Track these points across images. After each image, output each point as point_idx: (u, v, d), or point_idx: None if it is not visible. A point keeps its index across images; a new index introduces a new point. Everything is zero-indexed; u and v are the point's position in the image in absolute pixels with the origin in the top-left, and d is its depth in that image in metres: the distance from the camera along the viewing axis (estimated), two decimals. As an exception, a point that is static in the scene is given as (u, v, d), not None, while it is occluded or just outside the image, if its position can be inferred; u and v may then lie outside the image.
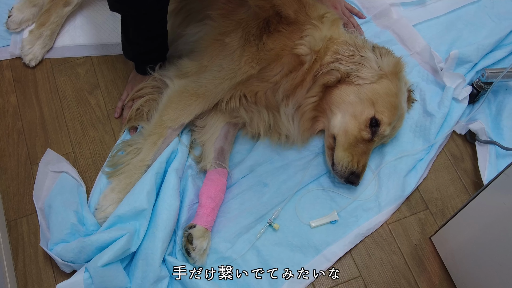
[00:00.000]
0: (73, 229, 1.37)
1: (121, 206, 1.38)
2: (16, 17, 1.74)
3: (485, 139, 1.57)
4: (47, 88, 1.70)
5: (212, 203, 1.42)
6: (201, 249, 1.37)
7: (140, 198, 1.36)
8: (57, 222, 1.39)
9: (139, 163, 1.45)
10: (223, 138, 1.55)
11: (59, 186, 1.46)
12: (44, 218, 1.45)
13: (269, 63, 1.41)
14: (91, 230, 1.40)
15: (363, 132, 1.41)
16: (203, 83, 1.44)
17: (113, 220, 1.37)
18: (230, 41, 1.42)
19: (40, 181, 1.50)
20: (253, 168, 1.55)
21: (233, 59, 1.41)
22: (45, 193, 1.48)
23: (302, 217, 1.49)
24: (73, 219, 1.38)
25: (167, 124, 1.46)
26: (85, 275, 1.30)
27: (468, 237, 1.28)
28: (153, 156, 1.46)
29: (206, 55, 1.46)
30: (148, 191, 1.38)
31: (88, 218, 1.41)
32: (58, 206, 1.41)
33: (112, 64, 1.75)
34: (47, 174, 1.51)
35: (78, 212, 1.41)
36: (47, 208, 1.43)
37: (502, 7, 1.84)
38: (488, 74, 1.58)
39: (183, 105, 1.46)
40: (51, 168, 1.51)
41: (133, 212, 1.36)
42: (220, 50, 1.43)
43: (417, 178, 1.54)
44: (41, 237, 1.43)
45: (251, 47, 1.40)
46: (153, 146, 1.45)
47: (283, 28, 1.41)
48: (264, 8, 1.42)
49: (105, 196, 1.43)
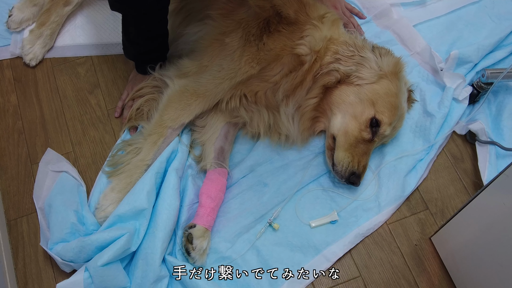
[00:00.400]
0: (73, 228, 1.38)
1: (121, 206, 1.38)
2: (16, 17, 1.74)
3: (485, 140, 1.57)
4: (47, 88, 1.70)
5: (212, 203, 1.42)
6: (201, 249, 1.37)
7: (140, 198, 1.37)
8: (57, 222, 1.39)
9: (139, 162, 1.45)
10: (223, 138, 1.55)
11: (59, 186, 1.47)
12: (44, 218, 1.45)
13: (269, 63, 1.41)
14: (91, 230, 1.40)
15: (364, 132, 1.41)
16: (203, 83, 1.44)
17: (113, 219, 1.37)
18: (230, 41, 1.42)
19: (40, 180, 1.50)
20: (253, 168, 1.55)
21: (233, 59, 1.41)
22: (45, 193, 1.48)
23: (302, 217, 1.49)
24: (73, 219, 1.38)
25: (167, 124, 1.46)
26: (85, 275, 1.30)
27: (468, 237, 1.28)
28: (153, 155, 1.46)
29: (206, 55, 1.47)
30: (148, 190, 1.38)
31: (88, 217, 1.41)
32: (58, 206, 1.41)
33: (113, 64, 1.75)
34: (47, 174, 1.51)
35: (78, 211, 1.41)
36: (47, 208, 1.44)
37: (502, 7, 1.83)
38: (488, 75, 1.58)
39: (183, 105, 1.46)
40: (51, 167, 1.52)
41: (133, 212, 1.36)
42: (220, 50, 1.44)
43: (417, 178, 1.54)
44: (41, 236, 1.43)
45: (251, 47, 1.40)
46: (153, 146, 1.45)
47: (283, 28, 1.41)
48: (264, 8, 1.42)
49: (105, 195, 1.43)
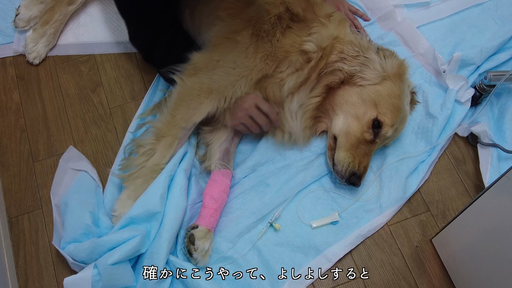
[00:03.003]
0: (87, 230, 1.37)
1: (134, 208, 1.37)
2: (24, 15, 1.73)
3: (487, 142, 1.56)
4: (50, 86, 1.71)
5: (215, 204, 1.42)
6: (203, 250, 1.37)
7: (153, 201, 1.35)
8: (72, 221, 1.38)
9: (155, 167, 1.41)
10: (230, 139, 1.54)
11: (77, 185, 1.46)
12: (60, 215, 1.43)
13: (281, 60, 1.41)
14: (105, 233, 1.39)
15: (365, 133, 1.41)
16: (217, 80, 1.39)
17: (126, 221, 1.36)
18: (241, 39, 1.39)
19: (59, 177, 1.50)
20: (255, 168, 1.55)
21: (248, 55, 1.38)
22: (62, 190, 1.47)
23: (303, 217, 1.49)
24: (88, 220, 1.38)
25: (180, 124, 1.40)
26: (94, 272, 1.29)
27: (469, 239, 1.28)
28: (169, 159, 1.43)
29: (217, 51, 1.42)
30: (161, 194, 1.36)
31: (103, 220, 1.40)
32: (75, 205, 1.40)
33: (115, 62, 1.75)
34: (67, 171, 1.50)
35: (94, 213, 1.40)
36: (63, 206, 1.43)
37: (506, 9, 1.83)
38: (491, 77, 1.57)
39: (196, 103, 1.40)
40: (71, 165, 1.51)
41: (146, 215, 1.35)
42: (233, 47, 1.40)
43: (419, 180, 1.54)
44: (54, 234, 1.42)
45: (264, 43, 1.38)
46: (168, 149, 1.41)
47: (293, 25, 1.41)
48: (275, 4, 1.41)
49: (122, 202, 1.41)
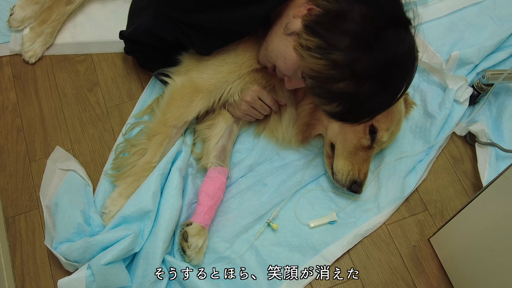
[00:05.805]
0: (79, 229, 1.37)
1: (127, 207, 1.37)
2: (18, 15, 1.72)
3: (485, 141, 1.56)
4: (46, 85, 1.70)
5: (210, 201, 1.42)
6: (197, 247, 1.36)
7: (145, 199, 1.35)
8: (63, 221, 1.38)
9: (146, 165, 1.42)
10: (227, 136, 1.54)
11: (66, 185, 1.45)
12: (50, 216, 1.43)
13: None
14: (97, 231, 1.39)
15: (363, 139, 1.40)
16: (206, 78, 1.41)
17: (118, 220, 1.36)
18: None
19: (48, 178, 1.49)
20: (253, 167, 1.54)
21: (238, 53, 1.39)
22: (52, 191, 1.46)
23: (301, 217, 1.49)
24: (80, 219, 1.38)
25: (171, 123, 1.42)
26: (87, 272, 1.29)
27: (467, 239, 1.28)
28: (160, 157, 1.43)
29: None
30: (153, 192, 1.36)
31: (95, 218, 1.40)
32: (65, 205, 1.40)
33: (112, 62, 1.74)
34: (55, 172, 1.49)
35: (85, 211, 1.40)
36: (54, 206, 1.42)
37: (504, 9, 1.83)
38: (489, 76, 1.57)
39: (186, 102, 1.42)
40: (59, 165, 1.50)
41: (139, 213, 1.35)
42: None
43: (417, 180, 1.54)
44: (46, 235, 1.42)
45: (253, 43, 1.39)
46: (159, 147, 1.43)
47: None
48: None
49: (114, 200, 1.42)
